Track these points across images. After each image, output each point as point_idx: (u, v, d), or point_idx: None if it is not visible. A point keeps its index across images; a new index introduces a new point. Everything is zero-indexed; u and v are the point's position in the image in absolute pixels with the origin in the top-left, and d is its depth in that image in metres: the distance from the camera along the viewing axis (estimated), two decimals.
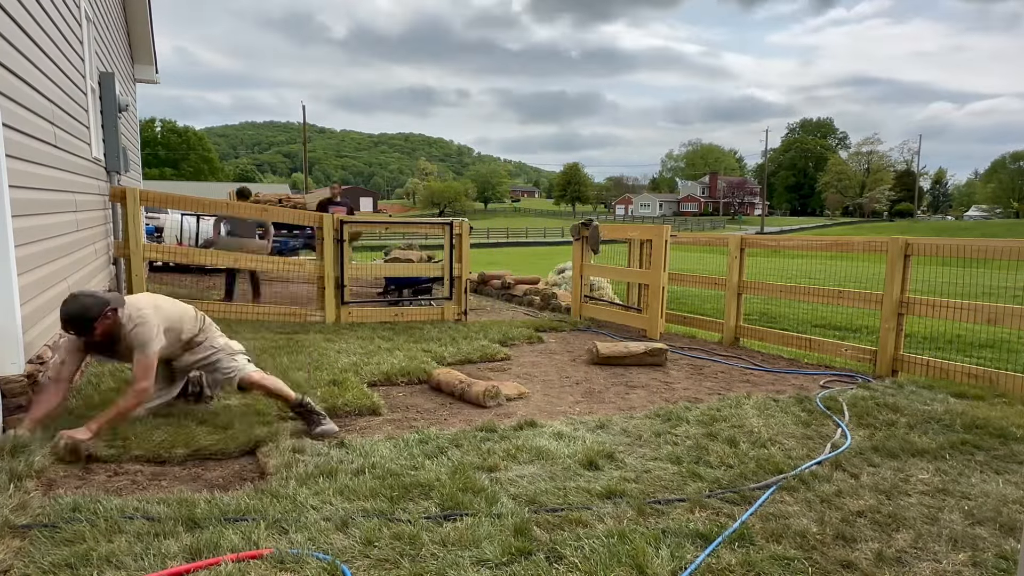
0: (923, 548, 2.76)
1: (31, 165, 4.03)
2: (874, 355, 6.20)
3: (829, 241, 7.90)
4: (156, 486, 3.24)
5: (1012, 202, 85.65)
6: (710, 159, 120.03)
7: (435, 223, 9.65)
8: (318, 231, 7.85)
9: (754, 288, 7.66)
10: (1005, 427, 4.30)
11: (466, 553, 2.57)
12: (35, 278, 3.93)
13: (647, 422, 4.39)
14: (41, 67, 4.37)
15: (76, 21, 5.75)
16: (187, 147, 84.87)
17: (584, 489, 3.24)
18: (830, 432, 4.25)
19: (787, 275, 9.32)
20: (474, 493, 3.10)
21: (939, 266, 7.47)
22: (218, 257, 8.31)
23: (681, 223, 74.21)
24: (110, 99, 7.28)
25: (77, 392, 4.36)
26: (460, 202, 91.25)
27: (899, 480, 3.47)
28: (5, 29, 3.57)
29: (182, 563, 2.41)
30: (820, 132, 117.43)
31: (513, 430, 4.14)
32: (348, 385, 4.92)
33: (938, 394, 5.17)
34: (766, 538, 2.79)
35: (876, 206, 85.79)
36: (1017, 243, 5.31)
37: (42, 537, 2.55)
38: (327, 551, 2.55)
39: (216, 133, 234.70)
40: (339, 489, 3.11)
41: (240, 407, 4.28)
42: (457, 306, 8.48)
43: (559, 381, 5.74)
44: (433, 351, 6.40)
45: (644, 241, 8.50)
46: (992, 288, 6.67)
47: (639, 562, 2.53)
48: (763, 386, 5.75)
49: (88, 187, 6.00)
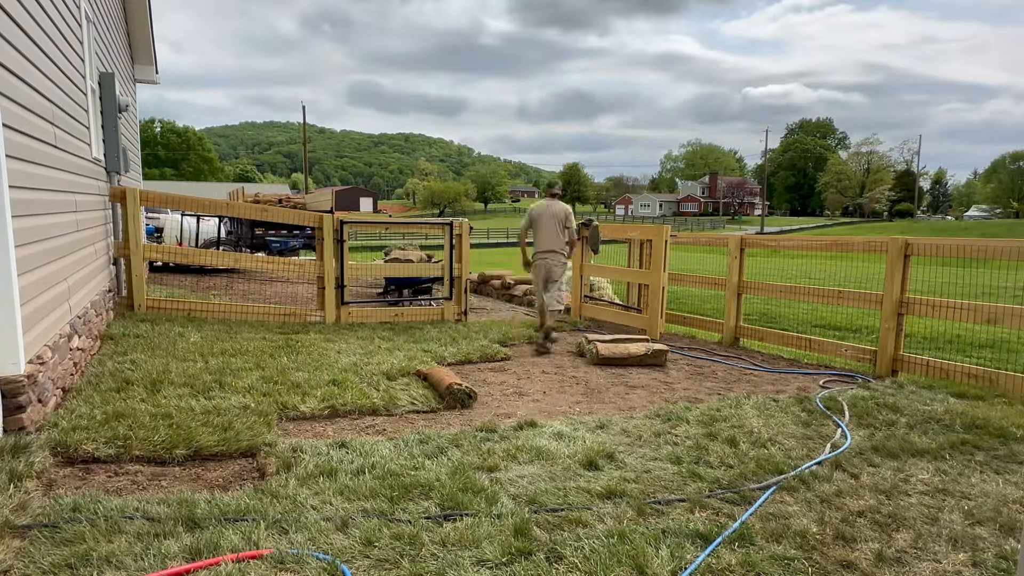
0: (923, 548, 2.76)
1: (31, 165, 4.03)
2: (874, 355, 6.20)
3: (829, 241, 7.91)
4: (156, 486, 3.25)
5: (1012, 202, 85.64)
6: (710, 159, 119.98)
7: (435, 223, 9.65)
8: (318, 231, 7.85)
9: (754, 288, 7.66)
10: (1005, 427, 4.30)
11: (466, 553, 2.57)
12: (35, 278, 3.93)
13: (647, 422, 4.39)
14: (41, 67, 4.37)
15: (76, 21, 5.75)
16: (187, 147, 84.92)
17: (584, 489, 3.24)
18: (830, 432, 4.25)
19: (787, 275, 9.33)
20: (474, 493, 3.10)
21: (939, 266, 7.48)
22: (218, 257, 8.30)
23: (681, 223, 74.18)
24: (110, 99, 7.28)
25: (77, 392, 4.36)
26: (460, 202, 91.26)
27: (899, 480, 3.47)
28: (5, 29, 3.57)
29: (182, 563, 2.41)
30: (820, 132, 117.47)
31: (513, 430, 4.14)
32: (348, 385, 4.93)
33: (938, 394, 5.17)
34: (766, 538, 2.79)
35: (876, 206, 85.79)
36: (1017, 243, 5.31)
37: (42, 537, 2.55)
38: (327, 551, 2.55)
39: (216, 133, 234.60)
40: (339, 489, 3.12)
41: (240, 407, 4.28)
42: (457, 306, 8.48)
43: (559, 381, 5.74)
44: (433, 351, 6.40)
45: (644, 241, 8.50)
46: (992, 288, 6.68)
47: (639, 562, 2.53)
48: (763, 386, 5.75)
49: (88, 187, 6.00)
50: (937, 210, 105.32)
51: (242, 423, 3.95)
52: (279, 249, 16.03)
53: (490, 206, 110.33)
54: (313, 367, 5.45)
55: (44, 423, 3.72)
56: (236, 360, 5.50)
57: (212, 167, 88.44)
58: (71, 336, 4.73)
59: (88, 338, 5.36)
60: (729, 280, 7.63)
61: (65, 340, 4.52)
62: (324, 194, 20.31)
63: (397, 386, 5.08)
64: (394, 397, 4.82)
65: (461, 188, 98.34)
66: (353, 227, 8.75)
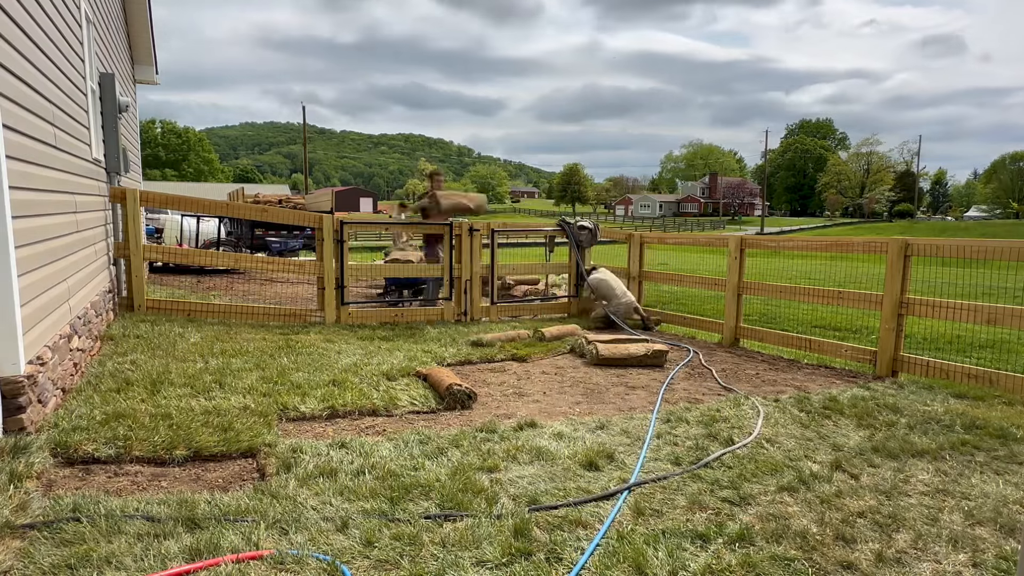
0: (923, 548, 2.76)
1: (31, 166, 4.03)
2: (874, 355, 6.20)
3: (829, 241, 7.90)
4: (156, 487, 3.25)
5: (1012, 203, 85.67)
6: (710, 159, 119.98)
7: (435, 223, 9.63)
8: (318, 232, 7.86)
9: (754, 289, 7.66)
10: (1005, 427, 4.30)
11: (466, 554, 2.57)
12: (35, 279, 3.93)
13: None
14: (41, 68, 4.37)
15: (76, 22, 5.76)
16: (187, 148, 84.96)
17: (584, 489, 3.24)
18: (829, 432, 4.25)
19: (787, 275, 9.33)
20: (474, 494, 3.11)
21: (939, 266, 7.49)
22: (218, 258, 8.30)
23: (681, 223, 74.20)
24: (110, 100, 7.28)
25: (77, 393, 4.36)
26: None
27: (899, 481, 3.47)
28: (5, 30, 3.57)
29: (182, 564, 2.41)
30: (819, 133, 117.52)
31: (513, 431, 4.14)
32: (348, 385, 4.93)
33: (938, 394, 5.17)
34: (766, 538, 2.79)
35: (876, 207, 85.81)
36: (1017, 243, 5.31)
37: (42, 538, 2.55)
38: (327, 552, 2.55)
39: (216, 134, 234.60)
40: (339, 490, 3.12)
41: (240, 408, 4.28)
42: (457, 306, 8.48)
43: (559, 382, 5.74)
44: (433, 351, 6.40)
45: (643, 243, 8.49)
46: (992, 288, 6.68)
47: (638, 562, 2.53)
48: (763, 386, 5.75)
49: (88, 188, 6.00)
50: (937, 210, 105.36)
51: (242, 423, 3.95)
52: (279, 249, 16.05)
53: (490, 206, 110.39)
54: (313, 367, 5.45)
55: (44, 424, 3.72)
56: (236, 360, 5.50)
57: (212, 168, 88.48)
58: (71, 337, 4.73)
59: (88, 338, 5.36)
60: (729, 280, 7.63)
61: (65, 341, 4.52)
62: (324, 194, 20.31)
63: (397, 387, 5.08)
64: (394, 397, 4.82)
65: (461, 189, 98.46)
66: (353, 228, 8.76)
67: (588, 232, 9.46)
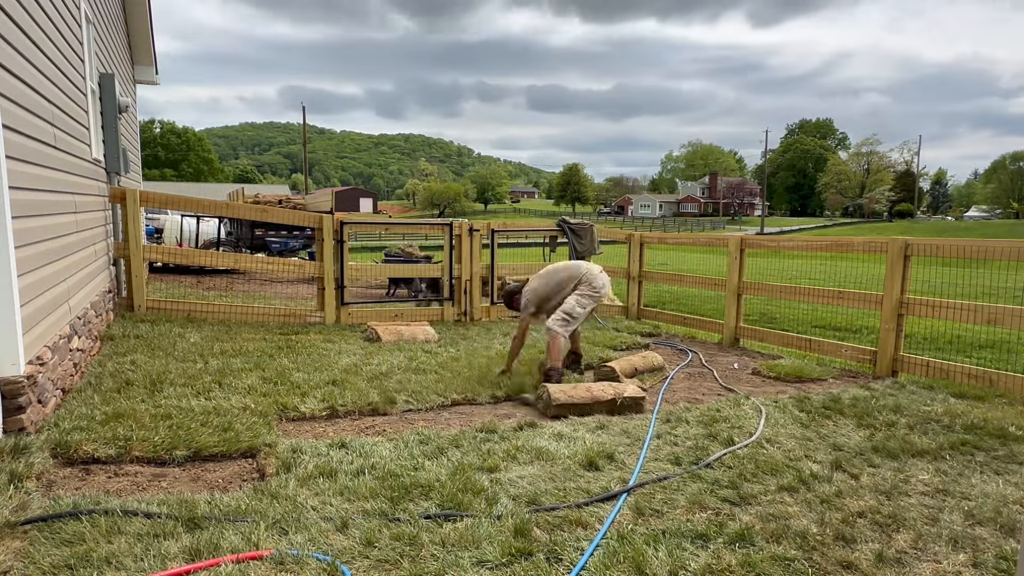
0: (923, 549, 2.76)
1: (31, 166, 4.03)
2: (874, 356, 6.20)
3: (829, 242, 7.90)
4: (156, 487, 3.24)
5: (1012, 203, 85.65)
6: (710, 159, 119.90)
7: (435, 224, 9.65)
8: (318, 232, 7.85)
9: (754, 289, 7.66)
10: (1005, 427, 4.30)
11: (466, 554, 2.57)
12: (35, 279, 3.93)
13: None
14: (41, 68, 4.37)
15: (76, 22, 5.75)
16: (187, 148, 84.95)
17: (584, 490, 3.24)
18: (829, 432, 4.25)
19: (787, 276, 9.33)
20: (474, 494, 3.10)
21: (939, 266, 7.49)
22: (218, 258, 8.31)
23: (681, 223, 74.18)
24: (110, 100, 7.28)
25: (77, 393, 4.36)
26: (460, 203, 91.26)
27: (899, 481, 3.47)
28: (5, 30, 3.57)
29: (182, 564, 2.41)
30: (819, 133, 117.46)
31: (513, 431, 4.14)
32: (348, 385, 4.92)
33: (938, 394, 5.17)
34: (766, 538, 2.79)
35: (876, 207, 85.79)
36: (1017, 243, 5.31)
37: (42, 538, 2.55)
38: (327, 552, 2.55)
39: (216, 134, 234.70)
40: (339, 490, 3.11)
41: (240, 408, 4.28)
42: (457, 307, 8.48)
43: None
44: (433, 351, 6.40)
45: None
46: (992, 288, 6.67)
47: (638, 562, 2.53)
48: (763, 386, 5.75)
49: (88, 188, 6.00)
50: (937, 210, 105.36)
51: (242, 424, 3.95)
52: (279, 250, 16.06)
53: (490, 207, 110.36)
54: (313, 368, 5.45)
55: (44, 424, 3.71)
56: (236, 361, 5.50)
57: (212, 168, 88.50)
58: (71, 337, 4.73)
59: (88, 339, 5.36)
60: (729, 281, 7.63)
61: (65, 341, 4.52)
62: (324, 195, 20.30)
63: (397, 386, 5.08)
64: (394, 398, 4.82)
65: (460, 189, 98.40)
66: (353, 228, 8.76)
67: (587, 237, 9.39)
